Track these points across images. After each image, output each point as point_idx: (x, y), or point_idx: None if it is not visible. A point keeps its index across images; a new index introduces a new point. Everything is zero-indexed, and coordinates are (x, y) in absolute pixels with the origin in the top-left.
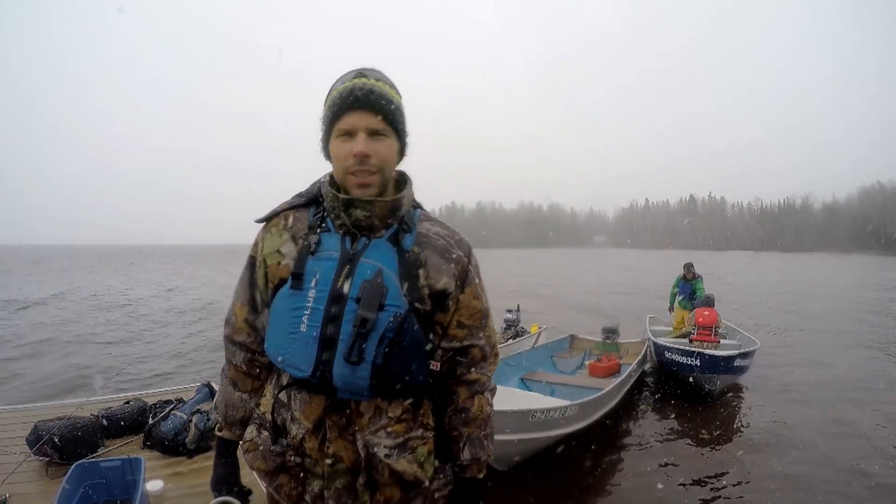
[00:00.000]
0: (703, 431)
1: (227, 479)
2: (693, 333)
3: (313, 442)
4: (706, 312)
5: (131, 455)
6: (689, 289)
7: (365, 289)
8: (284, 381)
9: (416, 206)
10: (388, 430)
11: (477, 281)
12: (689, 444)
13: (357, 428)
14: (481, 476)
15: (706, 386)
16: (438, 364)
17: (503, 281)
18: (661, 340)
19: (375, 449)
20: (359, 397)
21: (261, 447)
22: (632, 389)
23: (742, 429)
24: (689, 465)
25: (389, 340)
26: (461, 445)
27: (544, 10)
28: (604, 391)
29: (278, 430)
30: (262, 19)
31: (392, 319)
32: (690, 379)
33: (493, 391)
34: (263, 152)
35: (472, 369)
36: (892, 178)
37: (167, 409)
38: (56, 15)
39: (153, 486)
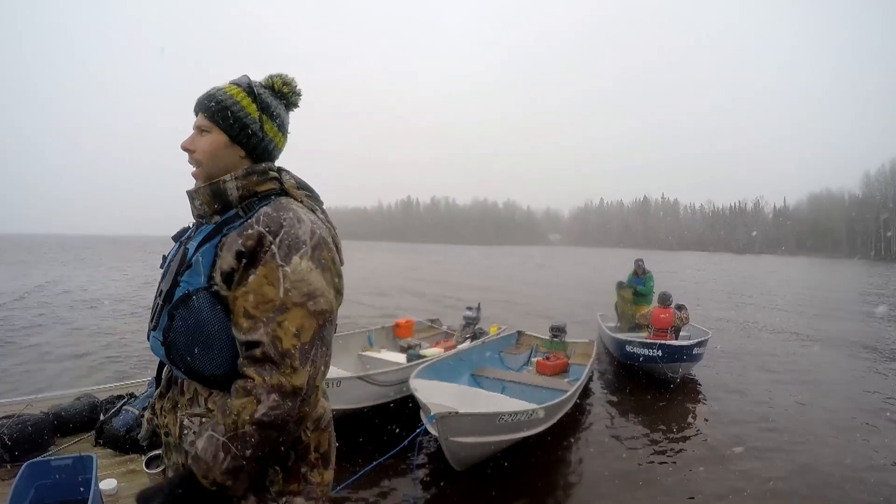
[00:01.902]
0: (661, 424)
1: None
2: (649, 333)
3: (158, 405)
4: (662, 315)
5: (83, 453)
6: (640, 283)
7: (172, 265)
8: None
9: (281, 193)
10: (203, 420)
11: (280, 264)
12: (648, 436)
13: (180, 406)
14: (201, 481)
15: (669, 374)
16: None
17: (457, 278)
18: (621, 335)
19: (186, 432)
20: (178, 373)
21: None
22: (585, 389)
23: (695, 417)
24: (648, 458)
25: (174, 315)
26: (203, 429)
27: (510, 16)
28: (567, 393)
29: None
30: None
31: (180, 295)
32: (656, 369)
33: (273, 416)
34: None
35: (252, 366)
36: (841, 186)
37: (118, 405)
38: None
39: (106, 485)
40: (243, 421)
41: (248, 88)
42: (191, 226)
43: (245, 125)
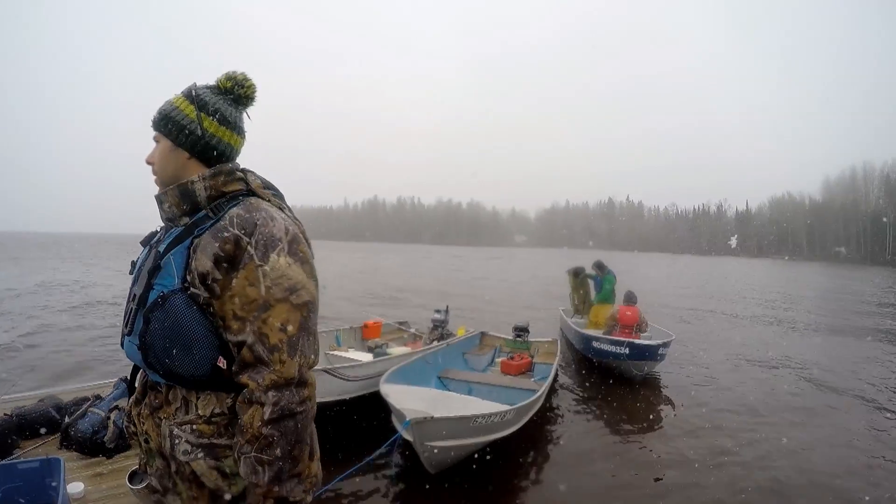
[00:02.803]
0: (627, 419)
1: None
2: (615, 330)
3: (135, 412)
4: (629, 312)
5: (50, 456)
6: (599, 282)
7: (144, 269)
8: None
9: (248, 193)
10: (194, 427)
11: (259, 264)
12: (613, 432)
13: (165, 415)
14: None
15: (635, 372)
16: (226, 362)
17: (420, 280)
18: (588, 331)
19: (177, 442)
20: (156, 378)
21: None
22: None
23: (660, 413)
24: (614, 453)
25: (149, 318)
26: (237, 455)
27: (476, 26)
28: (536, 393)
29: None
30: None
31: (155, 298)
32: (620, 367)
33: (280, 410)
34: None
35: (244, 372)
36: (801, 190)
37: (84, 407)
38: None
39: (73, 488)
40: (256, 428)
41: (188, 93)
42: (159, 230)
43: (182, 126)
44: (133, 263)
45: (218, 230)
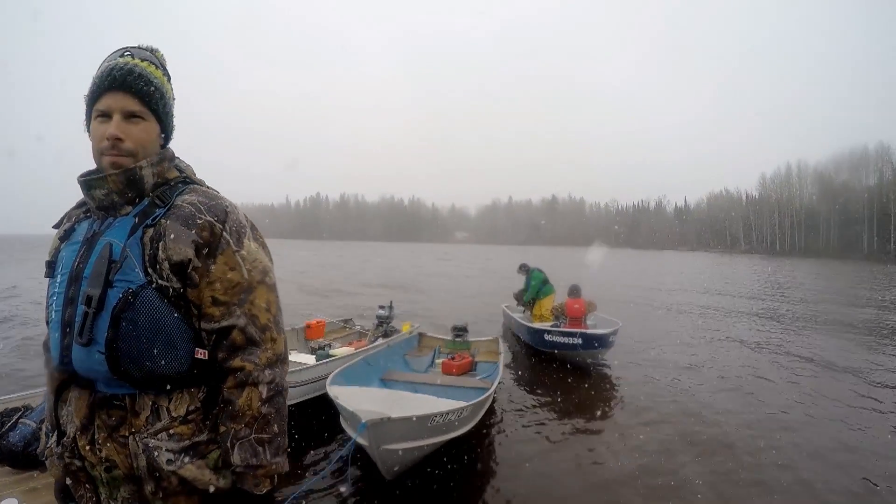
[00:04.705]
0: (579, 408)
1: None
2: (564, 323)
3: (84, 442)
4: (576, 305)
5: None
6: (528, 281)
7: (95, 266)
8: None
9: (187, 181)
10: (171, 431)
11: (236, 249)
12: (567, 422)
13: (133, 430)
14: (260, 492)
15: (589, 360)
16: (206, 352)
17: (367, 274)
18: (539, 325)
19: (157, 454)
20: (115, 388)
21: (54, 451)
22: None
23: (610, 398)
24: (571, 441)
25: (120, 319)
26: (229, 445)
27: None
28: (490, 389)
29: (60, 431)
30: None
31: (122, 296)
32: (576, 358)
33: (275, 387)
34: None
35: (236, 355)
36: (738, 186)
37: (14, 419)
38: None
39: None
40: (256, 409)
41: (163, 68)
42: (76, 220)
43: (170, 112)
44: (49, 264)
45: (186, 217)
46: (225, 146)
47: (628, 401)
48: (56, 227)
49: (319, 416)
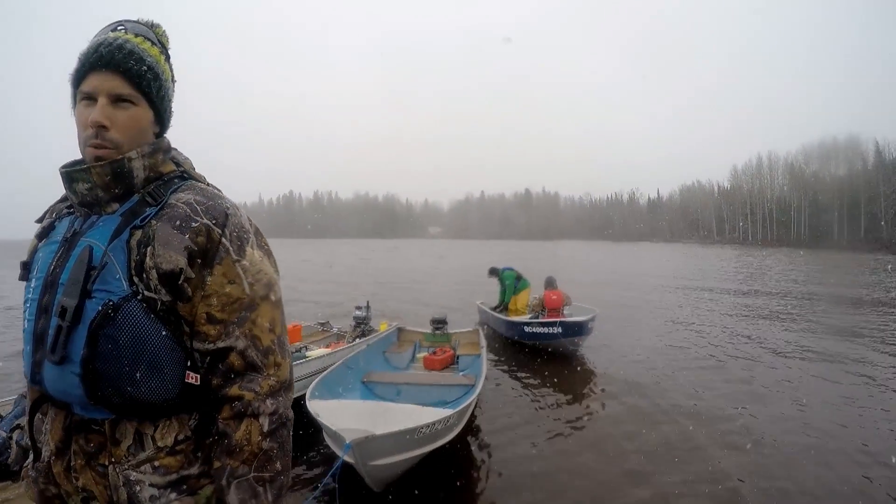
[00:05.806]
0: (564, 398)
1: None
2: (543, 315)
3: (59, 468)
4: (553, 297)
5: None
6: (501, 282)
7: (72, 272)
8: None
9: (184, 176)
10: (157, 463)
11: (236, 259)
12: (555, 413)
13: (113, 459)
14: None
15: (570, 348)
16: (198, 376)
17: (343, 271)
18: (518, 318)
19: (139, 488)
20: (93, 413)
21: (31, 473)
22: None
23: (594, 386)
24: (561, 435)
25: (97, 335)
26: (225, 483)
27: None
28: (476, 391)
29: (37, 451)
30: None
31: (101, 309)
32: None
33: (278, 418)
34: None
35: (234, 383)
36: (710, 178)
37: None
38: None
39: None
40: (256, 443)
41: (161, 45)
42: (58, 216)
43: (167, 97)
44: (25, 265)
45: (180, 219)
46: (191, 141)
47: (610, 388)
48: (39, 221)
49: (301, 424)
